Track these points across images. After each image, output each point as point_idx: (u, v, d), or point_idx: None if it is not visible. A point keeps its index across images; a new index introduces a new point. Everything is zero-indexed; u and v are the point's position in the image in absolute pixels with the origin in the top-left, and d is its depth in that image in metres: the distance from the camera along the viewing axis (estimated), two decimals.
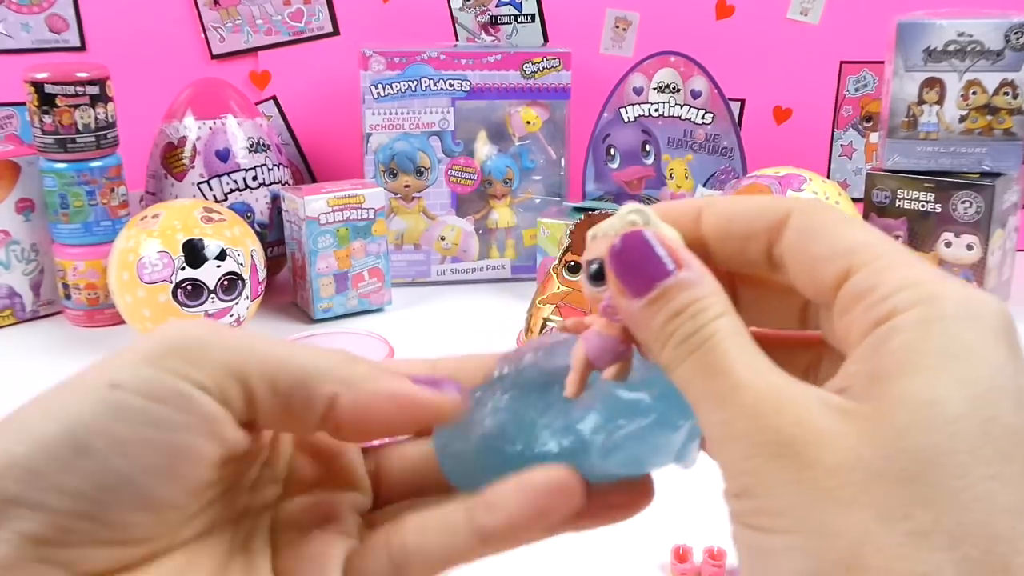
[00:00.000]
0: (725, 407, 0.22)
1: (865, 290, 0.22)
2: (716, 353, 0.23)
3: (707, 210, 0.26)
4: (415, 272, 1.07)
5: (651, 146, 1.06)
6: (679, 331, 0.23)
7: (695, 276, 0.24)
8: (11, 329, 0.94)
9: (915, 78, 0.91)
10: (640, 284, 0.24)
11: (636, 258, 0.24)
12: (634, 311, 0.24)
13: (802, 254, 0.24)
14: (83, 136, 0.89)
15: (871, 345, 0.21)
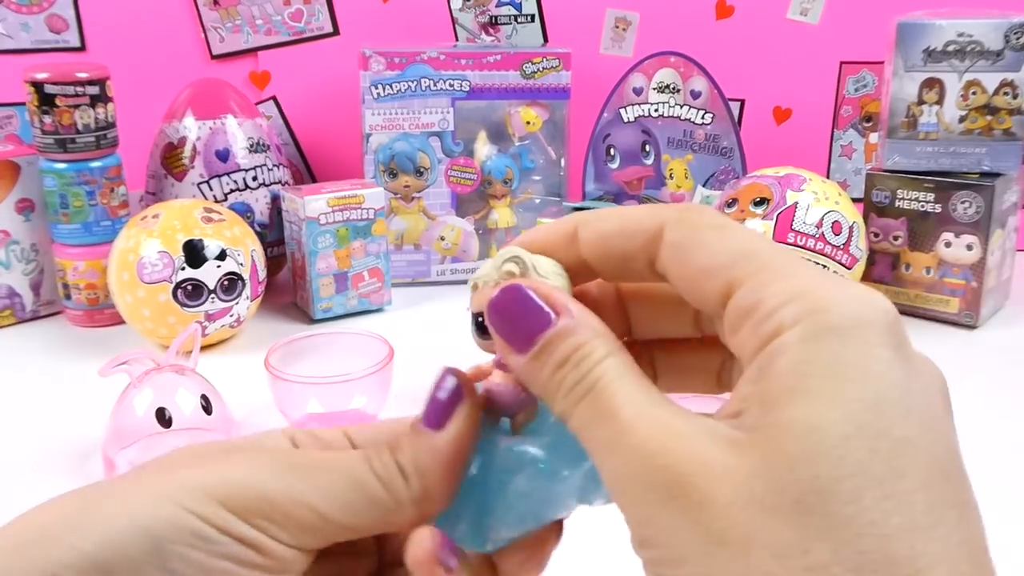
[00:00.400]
0: (615, 452, 0.22)
1: (750, 307, 0.22)
2: (603, 397, 0.22)
3: (582, 230, 0.26)
4: (415, 272, 1.07)
5: (651, 146, 1.06)
6: (566, 380, 0.23)
7: (574, 322, 0.24)
8: (11, 329, 0.94)
9: (915, 78, 0.91)
10: (522, 339, 0.24)
11: (515, 313, 0.24)
12: (522, 366, 0.24)
13: (681, 270, 0.24)
14: (83, 136, 0.89)
15: (759, 366, 0.21)
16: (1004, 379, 0.81)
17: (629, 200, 1.08)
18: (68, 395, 0.78)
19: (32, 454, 0.68)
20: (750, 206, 0.88)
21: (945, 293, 0.93)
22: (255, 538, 0.24)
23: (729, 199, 0.91)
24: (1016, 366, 0.84)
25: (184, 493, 0.24)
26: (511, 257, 0.26)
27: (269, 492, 0.24)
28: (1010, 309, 0.98)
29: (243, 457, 0.26)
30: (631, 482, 0.21)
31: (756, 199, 0.88)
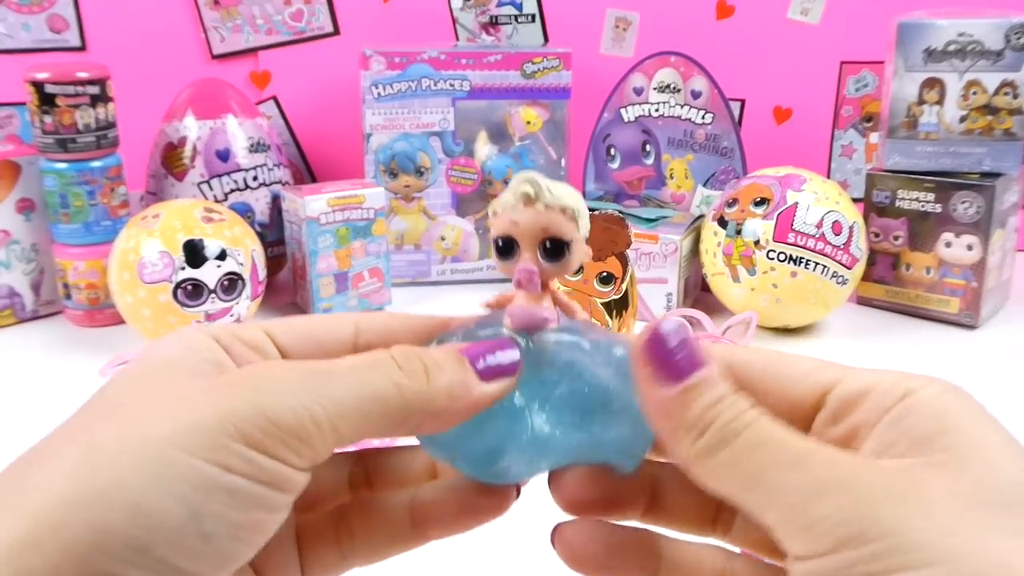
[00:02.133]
0: (804, 468, 0.22)
1: (860, 391, 0.25)
2: (770, 428, 0.23)
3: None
4: (415, 272, 1.07)
5: (651, 146, 1.06)
6: (723, 415, 0.24)
7: (720, 375, 0.25)
8: (11, 329, 0.94)
9: (915, 78, 0.91)
10: (672, 373, 0.24)
11: (667, 348, 0.25)
12: (666, 399, 0.24)
13: (762, 382, 0.26)
14: (83, 136, 0.89)
15: (896, 417, 0.24)
16: (1004, 379, 0.81)
17: (630, 200, 1.08)
18: (68, 395, 0.78)
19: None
20: (750, 206, 0.88)
21: (945, 293, 0.93)
22: (278, 472, 0.23)
23: (729, 199, 0.91)
24: (1016, 366, 0.84)
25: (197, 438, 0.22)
26: (526, 179, 0.27)
27: (284, 419, 0.23)
28: (1010, 309, 0.98)
29: (243, 381, 0.24)
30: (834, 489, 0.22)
31: (756, 199, 0.88)
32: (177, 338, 0.26)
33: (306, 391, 0.23)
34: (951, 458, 0.22)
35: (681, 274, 0.93)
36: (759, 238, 0.86)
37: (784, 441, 0.23)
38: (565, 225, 0.28)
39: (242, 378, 0.24)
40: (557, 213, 0.27)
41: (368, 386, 0.24)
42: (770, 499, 0.23)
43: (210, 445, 0.22)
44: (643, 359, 0.25)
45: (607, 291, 0.69)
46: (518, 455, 0.27)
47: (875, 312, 0.97)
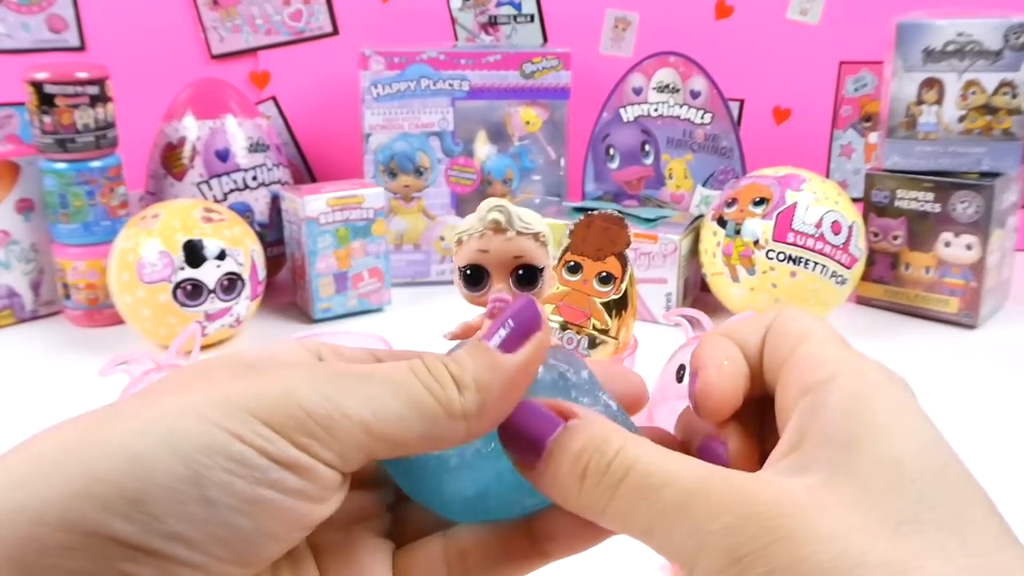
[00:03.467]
0: (688, 517, 0.21)
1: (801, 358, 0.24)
2: (648, 472, 0.22)
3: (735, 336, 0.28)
4: (415, 272, 1.07)
5: (650, 146, 1.06)
6: (590, 468, 0.23)
7: (582, 421, 0.24)
8: (11, 329, 0.94)
9: (914, 78, 0.92)
10: (533, 448, 0.24)
11: (521, 425, 0.24)
12: (540, 477, 0.24)
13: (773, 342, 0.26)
14: (83, 136, 0.89)
15: (809, 410, 0.23)
16: (1004, 379, 0.81)
17: (629, 200, 1.08)
18: (68, 395, 0.78)
19: None
20: (749, 206, 0.88)
21: (944, 293, 0.93)
22: (297, 459, 0.22)
23: (729, 199, 0.91)
24: (1016, 366, 0.84)
25: (217, 408, 0.21)
26: (495, 207, 0.27)
27: (312, 405, 0.22)
28: (1010, 309, 0.98)
29: (276, 370, 0.23)
30: (719, 538, 0.21)
31: (755, 199, 0.88)
32: (265, 347, 0.26)
33: (340, 386, 0.23)
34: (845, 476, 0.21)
35: (680, 274, 0.93)
36: (758, 238, 0.87)
37: (665, 485, 0.22)
38: (537, 251, 0.27)
39: (280, 369, 0.24)
40: (529, 240, 0.27)
41: (405, 389, 0.23)
42: (667, 550, 0.22)
43: (228, 416, 0.21)
44: (505, 449, 0.25)
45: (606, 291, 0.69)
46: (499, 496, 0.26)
47: (874, 312, 0.97)
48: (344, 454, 0.22)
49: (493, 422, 0.24)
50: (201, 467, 0.20)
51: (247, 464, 0.21)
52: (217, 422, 0.21)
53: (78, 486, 0.20)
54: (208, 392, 0.22)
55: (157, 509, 0.20)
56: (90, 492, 0.20)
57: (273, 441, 0.21)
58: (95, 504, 0.20)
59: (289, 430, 0.21)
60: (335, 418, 0.22)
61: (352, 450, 0.22)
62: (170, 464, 0.20)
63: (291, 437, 0.22)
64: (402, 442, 0.23)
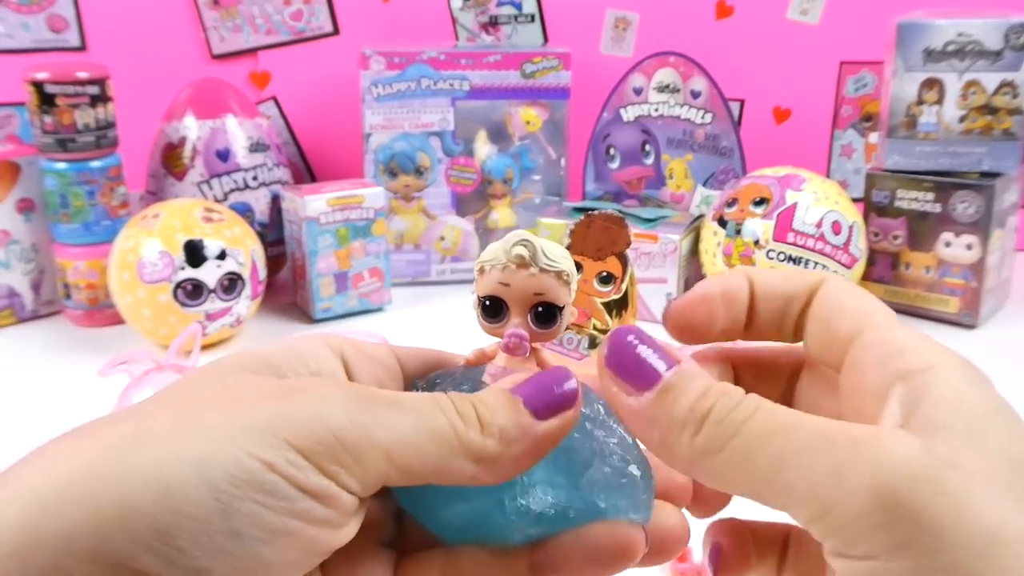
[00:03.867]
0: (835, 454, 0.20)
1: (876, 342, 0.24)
2: (776, 413, 0.22)
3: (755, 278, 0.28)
4: (415, 272, 1.07)
5: (651, 146, 1.06)
6: (717, 407, 0.22)
7: (698, 368, 0.23)
8: (11, 329, 0.94)
9: (914, 78, 0.91)
10: (643, 378, 0.23)
11: (631, 355, 0.24)
12: (643, 406, 0.23)
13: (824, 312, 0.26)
14: (83, 136, 0.89)
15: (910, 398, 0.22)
16: (1004, 379, 0.80)
17: (629, 200, 1.08)
18: (68, 395, 0.78)
19: None
20: (750, 206, 0.88)
21: (945, 293, 0.93)
22: (325, 487, 0.21)
23: (729, 199, 0.91)
24: (1016, 366, 0.84)
25: (249, 433, 0.21)
26: (520, 240, 0.26)
27: (344, 431, 0.22)
28: (1010, 309, 0.98)
29: (307, 388, 0.23)
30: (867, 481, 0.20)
31: (756, 199, 0.88)
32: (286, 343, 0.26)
33: (368, 411, 0.22)
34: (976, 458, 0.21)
35: (681, 274, 0.93)
36: (759, 238, 0.87)
37: (796, 425, 0.21)
38: (559, 290, 0.26)
39: (307, 386, 0.23)
40: (552, 278, 0.26)
41: (429, 420, 0.23)
42: (796, 492, 0.21)
43: (260, 442, 0.21)
44: (608, 374, 0.24)
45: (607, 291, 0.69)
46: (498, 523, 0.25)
47: None
48: (365, 481, 0.22)
49: (500, 476, 0.24)
50: (231, 499, 0.20)
51: (277, 495, 0.21)
52: (249, 449, 0.21)
53: (108, 517, 0.19)
54: (239, 412, 0.22)
55: (185, 542, 0.20)
56: (120, 523, 0.19)
57: (303, 469, 0.21)
58: (125, 536, 0.19)
59: (319, 456, 0.21)
60: (363, 446, 0.22)
61: (371, 477, 0.22)
62: (200, 495, 0.20)
63: (320, 464, 0.21)
64: (414, 472, 0.23)
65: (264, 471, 0.20)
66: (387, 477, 0.22)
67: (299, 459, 0.21)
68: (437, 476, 0.23)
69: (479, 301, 0.27)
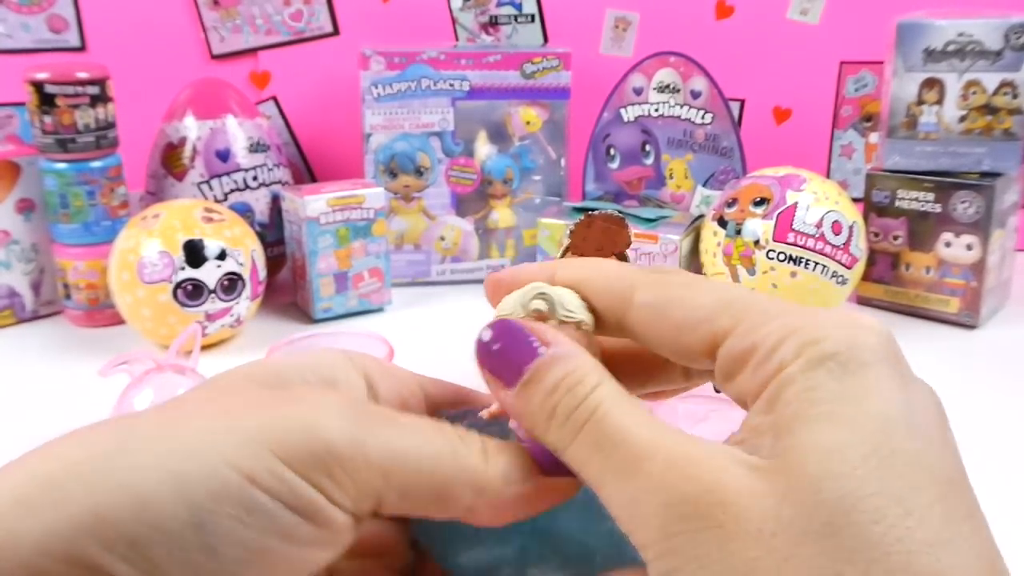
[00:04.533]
0: (632, 481, 0.21)
1: (744, 351, 0.22)
2: (607, 423, 0.21)
3: (559, 273, 0.26)
4: (415, 272, 1.07)
5: (651, 146, 1.06)
6: (560, 407, 0.22)
7: (563, 351, 0.23)
8: (11, 329, 0.94)
9: (915, 78, 0.91)
10: (511, 372, 0.23)
11: (498, 348, 0.24)
12: (512, 401, 0.23)
13: (658, 329, 0.24)
14: (83, 136, 0.89)
15: (766, 401, 0.21)
16: (1004, 379, 0.81)
17: (629, 200, 1.08)
18: (68, 395, 0.78)
19: None
20: (750, 206, 0.88)
21: (945, 293, 0.93)
22: (311, 502, 0.21)
23: (729, 199, 0.91)
24: (1016, 366, 0.84)
25: (232, 442, 0.20)
26: (539, 294, 0.26)
27: (337, 442, 0.21)
28: (1010, 309, 0.98)
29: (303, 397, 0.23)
30: (654, 513, 0.20)
31: (756, 199, 0.88)
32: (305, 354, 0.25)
33: (366, 425, 0.22)
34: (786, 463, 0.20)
35: None
36: (759, 238, 0.86)
37: (618, 443, 0.21)
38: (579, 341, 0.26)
39: (304, 395, 0.23)
40: (571, 329, 0.26)
41: (429, 443, 0.23)
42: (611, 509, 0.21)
43: (241, 451, 0.20)
44: (479, 365, 0.24)
45: None
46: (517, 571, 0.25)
47: (875, 312, 0.97)
48: (358, 499, 0.21)
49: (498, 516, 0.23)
50: (207, 513, 0.19)
51: (256, 511, 0.20)
52: (230, 459, 0.20)
53: (82, 521, 0.19)
54: (227, 419, 0.21)
55: (158, 555, 0.19)
56: (94, 529, 0.19)
57: (287, 482, 0.20)
58: (98, 542, 0.19)
59: (307, 468, 0.21)
60: (357, 460, 0.21)
61: (365, 495, 0.22)
62: (174, 508, 0.19)
63: (308, 476, 0.21)
64: (412, 495, 0.22)
65: (244, 484, 0.20)
66: (383, 497, 0.22)
67: (284, 471, 0.20)
68: (436, 502, 0.23)
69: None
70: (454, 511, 0.23)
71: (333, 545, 0.22)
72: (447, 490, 0.22)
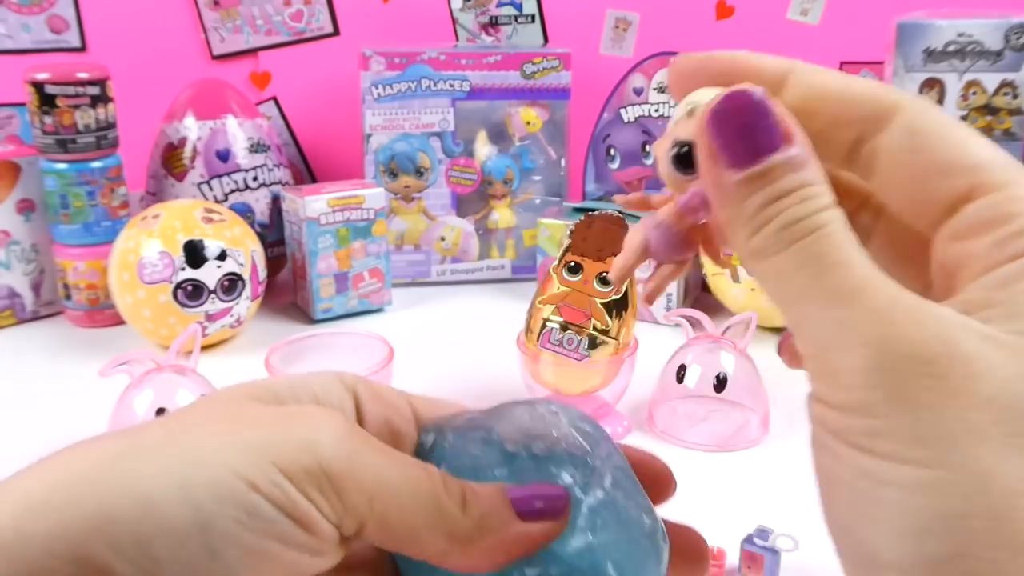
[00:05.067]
0: (847, 305, 0.19)
1: (995, 219, 0.20)
2: (831, 243, 0.20)
3: (797, 77, 0.23)
4: (415, 272, 1.07)
5: (651, 146, 1.06)
6: (784, 214, 0.20)
7: (805, 156, 0.21)
8: (11, 329, 0.94)
9: (915, 79, 0.91)
10: (744, 152, 0.21)
11: (741, 122, 0.21)
12: (728, 184, 0.21)
13: (911, 159, 0.21)
14: (83, 136, 0.89)
15: (1005, 276, 0.19)
16: None
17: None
18: (68, 395, 0.78)
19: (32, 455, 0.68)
20: None
21: None
22: (306, 512, 0.21)
23: None
24: None
25: (236, 452, 0.21)
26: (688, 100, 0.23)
27: (330, 461, 0.21)
28: None
29: (302, 415, 0.23)
30: (865, 343, 0.19)
31: None
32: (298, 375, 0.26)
33: (358, 450, 0.22)
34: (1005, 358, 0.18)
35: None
36: None
37: (839, 264, 0.19)
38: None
39: (303, 413, 0.23)
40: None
41: (413, 479, 0.23)
42: (802, 329, 0.20)
43: (246, 462, 0.21)
44: (707, 131, 0.21)
45: (607, 291, 0.69)
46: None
47: None
48: (344, 518, 0.22)
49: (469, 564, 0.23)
50: (211, 516, 0.20)
51: (258, 515, 0.20)
52: (234, 468, 0.21)
53: (89, 523, 0.19)
54: (231, 433, 0.22)
55: (162, 555, 0.19)
56: (100, 530, 0.19)
57: (287, 492, 0.21)
58: (104, 543, 0.19)
59: (303, 482, 0.21)
60: (347, 481, 0.22)
61: (351, 516, 0.22)
62: (181, 511, 0.20)
63: (304, 489, 0.21)
64: (390, 527, 0.22)
65: (247, 490, 0.20)
66: (365, 523, 0.22)
67: (284, 482, 0.21)
68: (409, 541, 0.23)
69: (674, 147, 0.23)
70: (427, 553, 0.23)
71: (323, 555, 0.22)
72: (422, 531, 0.22)
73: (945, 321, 0.19)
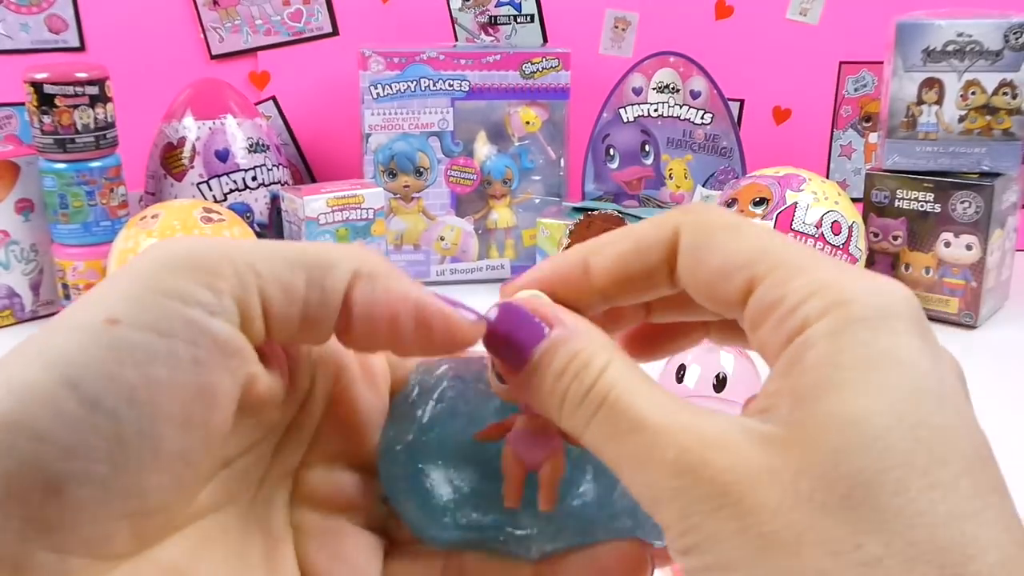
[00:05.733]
0: (648, 467, 0.20)
1: (772, 303, 0.21)
2: (620, 407, 0.21)
3: (593, 258, 0.24)
4: (415, 272, 1.07)
5: (650, 146, 1.06)
6: (569, 392, 0.22)
7: (568, 331, 0.23)
8: (11, 329, 0.94)
9: (914, 78, 0.91)
10: (518, 356, 0.23)
11: (504, 332, 0.23)
12: (522, 384, 0.23)
13: (698, 274, 0.23)
14: (82, 136, 0.89)
15: (787, 362, 0.20)
16: (1004, 379, 0.81)
17: (629, 200, 1.08)
18: None
19: None
20: (750, 206, 0.88)
21: (945, 293, 0.93)
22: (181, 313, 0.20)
23: (729, 199, 0.91)
24: (1016, 366, 0.84)
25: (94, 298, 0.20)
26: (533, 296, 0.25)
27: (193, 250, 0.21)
28: (1010, 309, 0.98)
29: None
30: (672, 497, 0.20)
31: (756, 199, 0.88)
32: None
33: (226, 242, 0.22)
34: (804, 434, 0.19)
35: None
36: None
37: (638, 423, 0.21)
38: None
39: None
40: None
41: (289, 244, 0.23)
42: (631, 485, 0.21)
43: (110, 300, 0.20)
44: (488, 352, 0.24)
45: None
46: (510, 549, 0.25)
47: None
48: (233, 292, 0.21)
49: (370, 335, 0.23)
50: (77, 371, 0.19)
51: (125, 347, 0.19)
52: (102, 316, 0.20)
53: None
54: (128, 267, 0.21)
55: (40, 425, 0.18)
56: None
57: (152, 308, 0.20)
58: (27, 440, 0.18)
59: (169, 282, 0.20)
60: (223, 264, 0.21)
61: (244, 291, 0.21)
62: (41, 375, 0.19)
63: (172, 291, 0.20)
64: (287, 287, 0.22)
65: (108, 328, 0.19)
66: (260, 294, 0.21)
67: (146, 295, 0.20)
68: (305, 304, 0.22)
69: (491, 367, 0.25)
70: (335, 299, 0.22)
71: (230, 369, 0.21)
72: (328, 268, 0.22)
73: (730, 446, 0.20)
